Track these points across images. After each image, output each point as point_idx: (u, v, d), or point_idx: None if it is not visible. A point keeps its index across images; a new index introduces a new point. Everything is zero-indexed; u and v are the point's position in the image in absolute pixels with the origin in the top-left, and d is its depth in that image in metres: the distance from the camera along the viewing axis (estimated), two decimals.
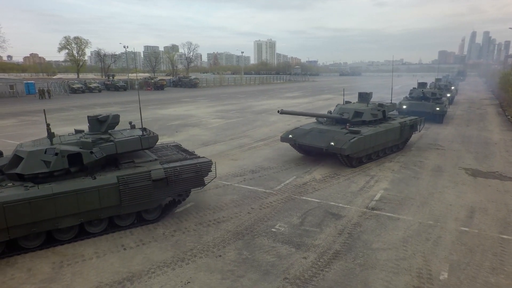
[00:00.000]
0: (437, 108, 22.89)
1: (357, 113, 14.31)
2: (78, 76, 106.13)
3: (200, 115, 28.11)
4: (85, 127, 21.92)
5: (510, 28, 52.62)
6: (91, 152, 7.64)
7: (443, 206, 9.58)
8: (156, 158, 8.86)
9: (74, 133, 8.82)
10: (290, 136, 13.92)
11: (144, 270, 6.59)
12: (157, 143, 9.93)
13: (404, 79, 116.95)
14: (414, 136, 18.93)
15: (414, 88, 26.92)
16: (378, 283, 6.21)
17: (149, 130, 9.30)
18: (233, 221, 8.69)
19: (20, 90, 46.53)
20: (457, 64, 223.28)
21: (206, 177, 9.00)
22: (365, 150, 13.12)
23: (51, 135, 7.98)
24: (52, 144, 7.67)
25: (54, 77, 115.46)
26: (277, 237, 7.87)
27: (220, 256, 7.08)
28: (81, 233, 7.76)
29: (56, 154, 7.27)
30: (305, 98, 45.25)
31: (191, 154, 9.49)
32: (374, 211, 9.24)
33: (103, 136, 8.29)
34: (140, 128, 9.18)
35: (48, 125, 8.09)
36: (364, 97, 15.85)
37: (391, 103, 16.33)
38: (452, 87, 36.71)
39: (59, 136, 8.35)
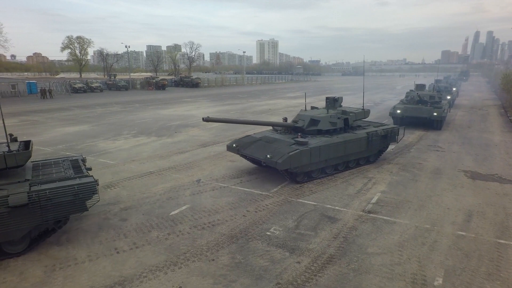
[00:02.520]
0: (435, 113, 20.63)
1: (313, 121, 12.59)
2: (80, 76, 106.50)
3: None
4: (85, 127, 21.86)
5: None
6: None
7: (440, 210, 9.48)
8: (28, 178, 7.54)
9: None
10: (234, 145, 12.58)
11: (136, 274, 6.55)
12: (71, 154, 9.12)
13: (407, 79, 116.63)
14: (414, 138, 18.84)
15: (411, 90, 24.69)
16: None
17: (30, 145, 8.20)
18: (228, 224, 8.64)
19: (22, 90, 46.70)
20: (460, 64, 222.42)
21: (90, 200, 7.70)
22: (314, 164, 11.48)
23: None
24: None
25: (57, 76, 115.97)
26: (271, 240, 7.81)
27: (213, 260, 7.03)
28: None
29: None
30: (307, 98, 45.09)
31: (79, 173, 8.15)
32: (371, 215, 9.15)
33: None
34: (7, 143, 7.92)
35: None
36: (331, 102, 14.17)
37: (362, 109, 14.38)
38: (454, 89, 36.14)
39: None
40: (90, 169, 8.95)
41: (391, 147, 16.56)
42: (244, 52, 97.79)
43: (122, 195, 10.48)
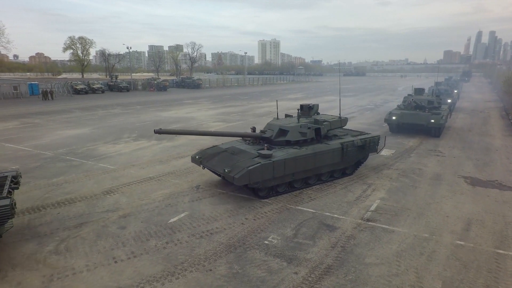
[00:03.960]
0: (432, 120, 19.48)
1: (282, 131, 11.65)
2: (82, 76, 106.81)
3: (201, 118, 28.09)
4: (85, 130, 21.86)
5: None
6: None
7: (439, 218, 9.46)
8: None
9: None
10: (197, 156, 11.71)
11: (133, 285, 6.55)
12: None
13: (408, 79, 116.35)
14: (415, 142, 18.79)
15: (409, 94, 23.31)
16: None
17: None
18: (226, 232, 8.64)
19: (24, 91, 46.86)
20: (462, 64, 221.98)
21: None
22: (279, 178, 10.59)
23: None
24: None
25: (59, 76, 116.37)
26: (269, 250, 7.80)
27: (210, 270, 7.03)
28: None
29: None
30: (308, 99, 45.07)
31: None
32: (369, 223, 9.14)
33: None
34: None
35: None
36: (305, 110, 13.18)
37: (339, 117, 13.43)
38: (455, 91, 35.62)
39: None
40: (17, 188, 8.28)
41: (390, 151, 16.55)
42: (245, 52, 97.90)
43: (121, 202, 10.50)
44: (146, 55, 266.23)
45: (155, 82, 62.30)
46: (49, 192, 11.32)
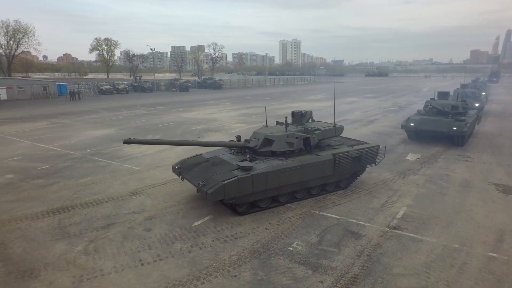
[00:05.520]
0: (454, 128, 17.59)
1: (267, 141, 10.67)
2: (107, 76, 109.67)
3: (223, 119, 28.26)
4: (111, 131, 22.29)
5: None
6: None
7: (470, 227, 9.13)
8: None
9: None
10: (177, 167, 11.00)
11: None
12: None
13: (433, 80, 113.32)
14: (442, 146, 18.24)
15: (431, 99, 21.34)
16: None
17: None
18: (250, 237, 8.63)
19: (52, 92, 48.60)
20: (490, 64, 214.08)
21: None
22: (260, 193, 9.72)
23: None
24: None
25: (85, 77, 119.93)
26: (293, 257, 7.74)
27: (235, 276, 7.04)
28: None
29: None
30: (329, 101, 44.59)
31: None
32: (396, 231, 8.93)
33: None
34: None
35: None
36: (297, 117, 12.34)
37: (334, 125, 12.10)
38: (483, 93, 33.58)
39: None
40: None
41: (416, 156, 16.15)
42: (267, 53, 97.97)
43: (146, 204, 10.68)
44: (169, 55, 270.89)
45: (178, 82, 63.27)
46: (77, 192, 11.65)
